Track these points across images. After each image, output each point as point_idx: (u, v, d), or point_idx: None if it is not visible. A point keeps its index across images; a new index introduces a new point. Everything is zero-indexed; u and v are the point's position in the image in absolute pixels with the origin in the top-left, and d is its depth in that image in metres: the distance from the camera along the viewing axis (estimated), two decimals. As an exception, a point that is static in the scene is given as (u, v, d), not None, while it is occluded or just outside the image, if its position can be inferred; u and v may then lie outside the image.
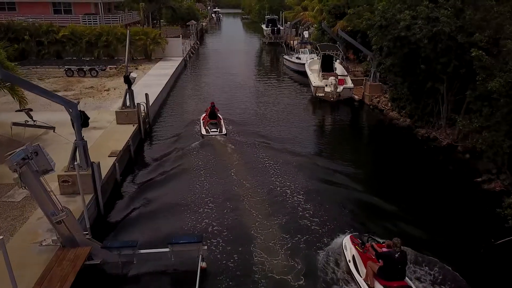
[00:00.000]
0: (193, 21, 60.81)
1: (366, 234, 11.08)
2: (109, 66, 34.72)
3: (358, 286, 9.87)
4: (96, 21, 44.02)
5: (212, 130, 20.32)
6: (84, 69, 32.74)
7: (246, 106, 27.79)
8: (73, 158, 12.94)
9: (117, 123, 20.04)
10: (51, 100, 12.03)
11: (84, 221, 11.20)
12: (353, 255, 10.35)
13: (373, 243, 10.25)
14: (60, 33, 38.09)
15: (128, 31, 22.33)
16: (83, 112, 12.82)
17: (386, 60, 21.07)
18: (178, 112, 25.79)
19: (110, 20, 45.83)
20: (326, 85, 27.69)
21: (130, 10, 58.30)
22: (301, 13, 55.46)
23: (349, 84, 28.22)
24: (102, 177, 14.03)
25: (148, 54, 40.55)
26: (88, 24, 43.30)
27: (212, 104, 21.59)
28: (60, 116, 16.96)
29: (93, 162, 13.12)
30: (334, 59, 30.28)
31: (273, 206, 13.93)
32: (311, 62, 32.82)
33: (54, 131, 14.00)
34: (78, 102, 12.50)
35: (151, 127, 22.50)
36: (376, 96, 27.03)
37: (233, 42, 70.04)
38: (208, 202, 14.22)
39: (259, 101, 29.34)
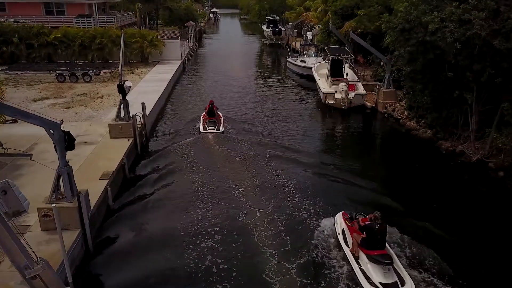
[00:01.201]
0: (191, 22, 58.76)
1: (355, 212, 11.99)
2: (103, 71, 32.67)
3: (345, 256, 10.85)
4: (90, 23, 41.99)
5: (210, 127, 20.81)
6: (76, 74, 30.68)
7: (250, 112, 25.95)
8: (56, 187, 10.96)
9: (111, 137, 18.04)
10: (28, 122, 10.02)
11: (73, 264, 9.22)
12: (343, 228, 11.45)
13: (360, 218, 11.26)
14: (51, 35, 35.97)
15: (122, 34, 20.27)
16: (68, 133, 10.83)
17: (406, 66, 19.13)
18: (177, 121, 23.73)
19: (104, 22, 43.81)
20: (336, 91, 25.81)
21: (126, 11, 56.24)
22: (304, 14, 53.53)
23: (361, 90, 26.31)
24: (92, 206, 12.07)
25: (144, 57, 38.54)
26: (82, 25, 41.25)
27: (211, 102, 22.12)
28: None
29: (80, 192, 11.13)
30: (343, 63, 28.36)
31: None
32: (318, 66, 30.92)
33: (31, 159, 11.96)
34: (62, 122, 10.49)
35: (148, 140, 20.49)
36: (390, 103, 25.13)
37: (232, 43, 68.06)
38: (214, 233, 12.28)
39: (262, 107, 27.39)
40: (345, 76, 27.41)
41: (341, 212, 12.15)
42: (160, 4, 56.95)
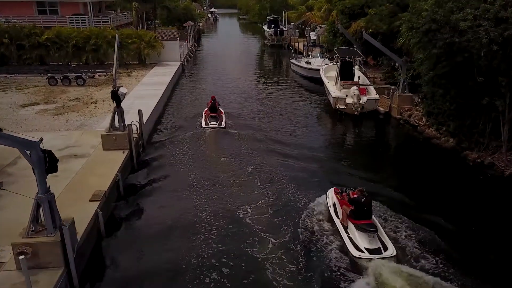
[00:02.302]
0: (190, 21, 56.92)
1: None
2: (97, 73, 30.89)
3: (336, 226, 11.83)
4: (85, 23, 40.09)
5: (211, 123, 21.07)
6: (69, 77, 28.86)
7: (254, 117, 24.29)
8: (35, 218, 9.17)
9: (104, 149, 16.24)
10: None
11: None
12: (334, 202, 12.47)
13: (349, 192, 12.30)
14: (43, 36, 34.08)
15: (117, 36, 18.52)
16: (49, 152, 9.02)
17: (431, 71, 17.38)
18: (177, 129, 21.87)
19: (100, 22, 41.93)
20: (347, 95, 24.09)
21: (123, 10, 54.35)
22: (308, 13, 51.76)
23: (374, 94, 24.56)
24: (80, 236, 10.28)
25: (142, 59, 36.71)
26: (76, 25, 39.36)
27: (213, 98, 22.53)
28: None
29: (64, 223, 9.33)
30: (353, 65, 26.65)
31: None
32: (327, 68, 29.18)
33: (1, 187, 10.12)
34: (41, 140, 8.70)
35: (145, 150, 18.68)
36: (406, 108, 23.40)
37: (232, 44, 66.25)
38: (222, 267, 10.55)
39: (267, 111, 25.78)
40: (355, 79, 25.70)
41: (333, 188, 13.28)
42: (158, 3, 55.05)
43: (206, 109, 22.49)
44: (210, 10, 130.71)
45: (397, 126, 23.13)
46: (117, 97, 15.90)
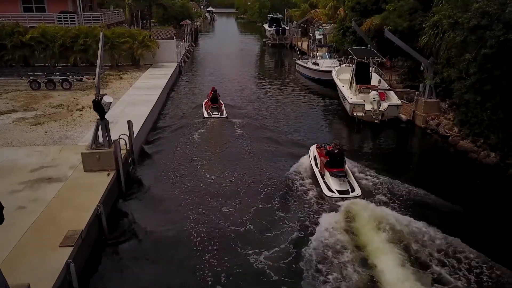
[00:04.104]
0: (187, 20, 54.07)
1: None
2: (86, 76, 28.05)
3: (315, 174, 14.36)
4: (74, 21, 37.22)
5: (213, 113, 21.58)
6: (54, 80, 26.00)
7: (263, 125, 21.39)
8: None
9: (85, 170, 13.44)
10: None
11: None
12: (315, 155, 15.07)
13: (327, 146, 14.96)
14: (27, 35, 31.18)
15: (101, 33, 15.82)
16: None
17: (478, 74, 14.67)
18: (174, 139, 19.09)
19: (90, 20, 39.05)
20: (364, 101, 21.41)
21: (116, 8, 51.41)
22: (313, 11, 48.97)
23: (395, 100, 21.84)
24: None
25: (135, 60, 33.84)
26: (65, 24, 36.52)
27: (213, 89, 22.97)
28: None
29: (11, 298, 6.53)
30: (370, 67, 23.97)
31: None
32: (339, 70, 26.47)
33: None
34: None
35: (136, 168, 15.88)
36: (433, 116, 20.71)
37: (231, 44, 63.47)
38: None
39: (275, 117, 23.10)
40: (374, 83, 23.01)
41: (315, 144, 15.80)
42: (153, 0, 52.12)
43: (206, 100, 22.97)
44: (207, 9, 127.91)
45: (423, 136, 20.41)
46: (100, 108, 13.13)
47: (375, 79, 23.79)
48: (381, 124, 20.91)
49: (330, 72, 28.64)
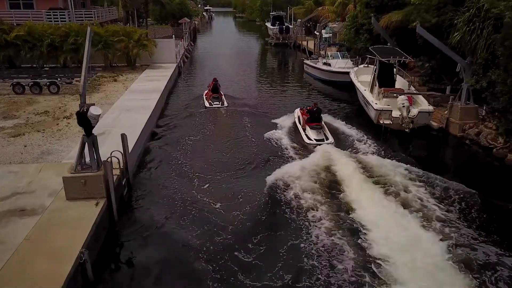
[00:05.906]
0: (186, 18, 51.39)
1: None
2: (76, 79, 25.30)
3: (298, 129, 18.42)
4: (64, 18, 34.51)
5: (215, 103, 22.57)
6: (40, 84, 23.34)
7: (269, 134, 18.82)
8: None
9: (67, 199, 10.81)
10: None
11: None
12: (298, 115, 19.11)
13: (308, 107, 18.58)
14: (12, 33, 28.48)
15: (88, 28, 13.16)
16: None
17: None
18: (177, 153, 16.46)
19: (82, 17, 36.36)
20: (389, 106, 18.91)
21: (111, 5, 48.66)
22: (320, 8, 46.39)
23: (425, 105, 19.33)
24: None
25: (131, 61, 31.15)
26: (54, 21, 33.81)
27: (214, 80, 23.92)
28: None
29: None
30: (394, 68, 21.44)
31: None
32: (358, 71, 23.94)
33: None
34: None
35: (132, 192, 13.23)
36: (470, 124, 18.22)
37: (231, 43, 60.83)
38: None
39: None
40: (400, 86, 20.50)
41: (299, 107, 19.88)
42: (150, -2, 49.44)
43: (207, 90, 23.77)
44: (205, 8, 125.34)
45: (461, 147, 17.85)
46: (86, 121, 10.50)
47: (399, 81, 21.28)
48: (410, 132, 18.40)
49: (344, 73, 26.23)
